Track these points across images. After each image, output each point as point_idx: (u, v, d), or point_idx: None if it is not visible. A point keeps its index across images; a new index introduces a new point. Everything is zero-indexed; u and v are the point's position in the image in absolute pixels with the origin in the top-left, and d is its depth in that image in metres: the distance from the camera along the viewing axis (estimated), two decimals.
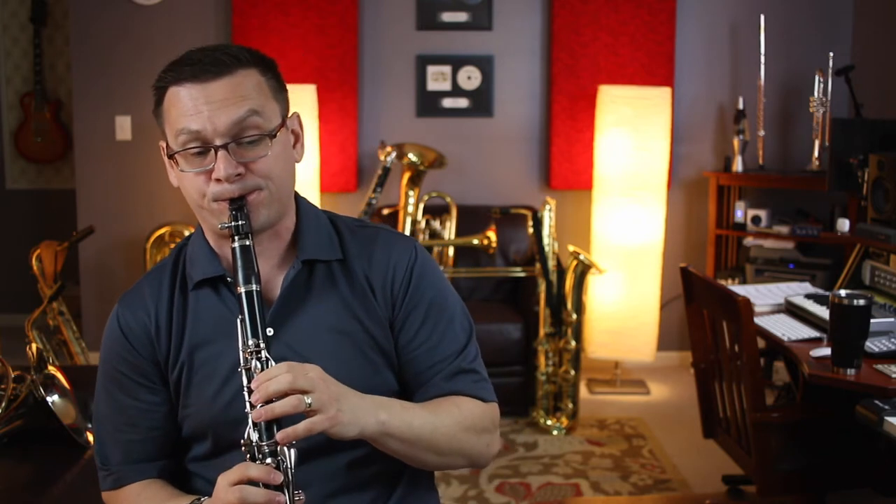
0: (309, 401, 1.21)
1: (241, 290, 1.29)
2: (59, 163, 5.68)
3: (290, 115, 1.42)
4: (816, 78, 4.41)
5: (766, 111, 4.70)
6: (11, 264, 5.31)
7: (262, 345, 1.27)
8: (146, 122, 4.77)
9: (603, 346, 4.58)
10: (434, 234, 4.41)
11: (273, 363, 1.26)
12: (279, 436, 1.21)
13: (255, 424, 1.23)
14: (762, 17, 4.56)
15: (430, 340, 1.44)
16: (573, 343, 3.97)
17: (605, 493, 3.39)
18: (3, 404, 2.37)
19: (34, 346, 2.53)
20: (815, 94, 4.41)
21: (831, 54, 4.41)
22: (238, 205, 1.33)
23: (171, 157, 1.36)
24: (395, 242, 1.47)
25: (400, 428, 1.32)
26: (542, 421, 4.00)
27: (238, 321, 1.29)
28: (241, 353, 1.28)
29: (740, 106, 4.61)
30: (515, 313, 4.27)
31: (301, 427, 1.22)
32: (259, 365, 1.26)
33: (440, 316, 1.45)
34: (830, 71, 4.38)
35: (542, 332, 4.00)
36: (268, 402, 1.21)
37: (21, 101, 5.61)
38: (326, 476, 1.38)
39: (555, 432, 3.95)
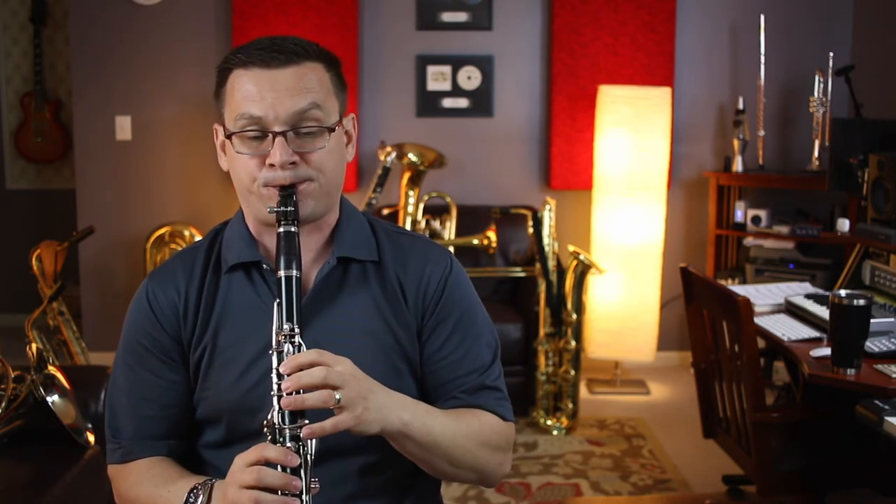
0: (338, 397, 1.22)
1: (282, 274, 1.29)
2: (59, 163, 5.68)
3: (346, 115, 1.44)
4: (816, 78, 4.41)
5: (766, 111, 4.70)
6: (11, 264, 5.31)
7: (297, 329, 1.27)
8: (146, 122, 4.77)
9: (603, 346, 4.58)
10: (434, 234, 4.40)
11: (305, 349, 1.26)
12: (305, 431, 1.21)
13: (280, 408, 1.23)
14: (762, 17, 4.56)
15: (456, 353, 1.44)
16: (573, 343, 3.97)
17: (605, 493, 3.39)
18: (3, 404, 2.37)
19: (34, 346, 2.53)
20: (815, 94, 4.41)
21: (831, 54, 4.41)
22: (288, 192, 1.34)
23: (228, 137, 1.37)
24: (432, 252, 1.48)
25: (421, 431, 1.32)
26: (542, 421, 4.00)
27: (275, 304, 1.29)
28: (273, 335, 1.28)
29: (740, 106, 4.61)
30: (515, 313, 4.27)
31: (328, 424, 1.22)
32: (291, 349, 1.26)
33: (468, 330, 1.46)
34: (830, 71, 4.38)
35: (542, 332, 4.00)
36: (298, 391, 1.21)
37: (21, 101, 5.61)
38: (339, 479, 1.38)
39: (555, 432, 3.95)
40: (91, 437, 2.45)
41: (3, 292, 5.58)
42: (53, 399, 2.37)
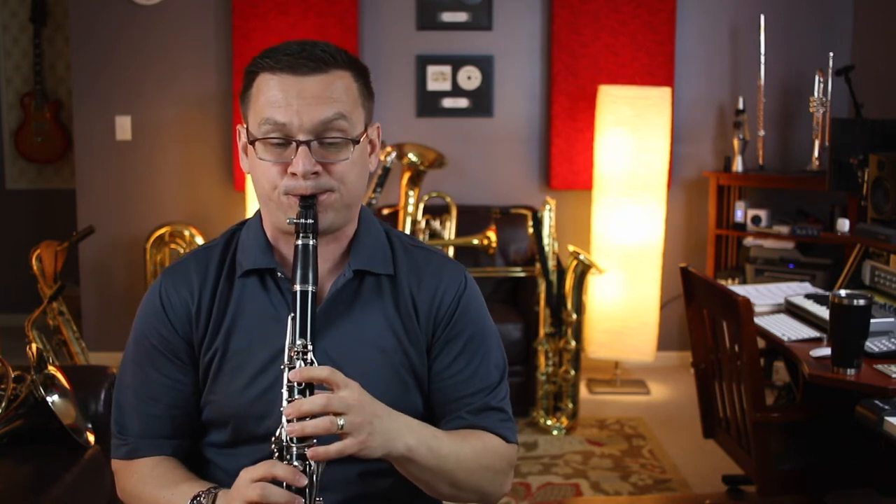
0: (341, 422, 1.21)
1: (297, 288, 1.28)
2: (59, 163, 5.68)
3: (372, 124, 1.42)
4: (816, 78, 4.41)
5: (766, 111, 4.70)
6: (11, 264, 5.31)
7: (310, 346, 1.26)
8: (146, 122, 4.77)
9: (603, 346, 4.58)
10: (434, 234, 4.41)
11: (317, 365, 1.26)
12: (310, 453, 1.21)
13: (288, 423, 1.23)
14: (762, 17, 4.56)
15: (464, 372, 1.44)
16: (573, 343, 3.96)
17: (605, 493, 3.39)
18: (3, 404, 2.37)
19: (34, 346, 2.53)
20: (815, 94, 4.41)
21: (831, 54, 4.41)
22: (309, 202, 1.32)
23: (251, 142, 1.35)
24: (447, 268, 1.48)
25: (425, 456, 1.31)
26: (542, 421, 4.00)
27: (289, 319, 1.28)
28: (286, 350, 1.27)
29: (740, 106, 4.61)
30: (515, 313, 4.27)
31: (332, 449, 1.22)
32: (303, 366, 1.25)
33: (477, 349, 1.45)
34: (830, 71, 4.38)
35: (542, 332, 4.00)
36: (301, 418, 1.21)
37: (21, 101, 5.61)
38: (343, 483, 1.38)
39: (555, 432, 3.95)
40: (91, 437, 2.45)
41: (3, 292, 5.58)
42: (53, 399, 2.37)
